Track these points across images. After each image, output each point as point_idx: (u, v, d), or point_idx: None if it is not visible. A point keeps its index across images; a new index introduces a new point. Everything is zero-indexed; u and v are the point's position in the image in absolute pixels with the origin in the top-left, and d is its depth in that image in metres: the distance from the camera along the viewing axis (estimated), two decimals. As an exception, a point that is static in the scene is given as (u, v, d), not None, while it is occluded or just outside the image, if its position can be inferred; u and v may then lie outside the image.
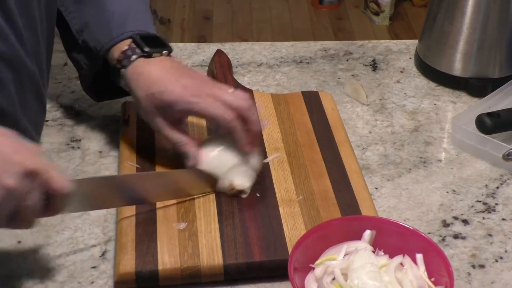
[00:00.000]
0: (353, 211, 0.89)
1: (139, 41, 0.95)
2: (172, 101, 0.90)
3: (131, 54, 0.94)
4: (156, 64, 0.93)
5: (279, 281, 0.83)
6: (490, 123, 1.03)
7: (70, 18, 1.00)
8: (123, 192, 0.86)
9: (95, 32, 0.97)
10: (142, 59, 0.94)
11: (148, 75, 0.92)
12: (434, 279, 0.77)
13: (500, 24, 1.15)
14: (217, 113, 0.90)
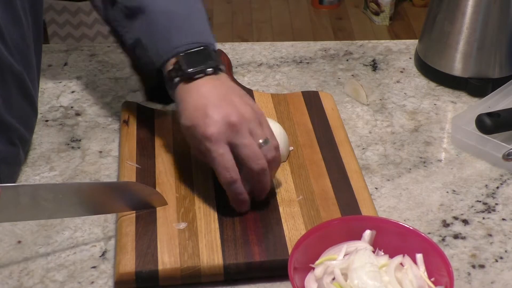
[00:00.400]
0: (353, 211, 0.90)
1: (181, 60, 0.90)
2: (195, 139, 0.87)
3: (174, 76, 0.90)
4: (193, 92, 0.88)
5: (279, 281, 0.83)
6: (490, 123, 1.03)
7: (123, 33, 0.98)
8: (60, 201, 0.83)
9: (146, 49, 0.94)
10: (183, 84, 0.89)
11: (184, 103, 0.88)
12: (434, 279, 0.77)
13: (500, 24, 1.16)
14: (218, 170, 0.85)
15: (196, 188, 0.93)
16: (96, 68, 1.22)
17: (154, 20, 0.94)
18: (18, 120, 0.95)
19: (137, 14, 0.95)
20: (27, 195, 0.79)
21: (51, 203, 0.81)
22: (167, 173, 0.95)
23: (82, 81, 1.19)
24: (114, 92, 1.16)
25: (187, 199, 0.91)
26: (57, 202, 0.82)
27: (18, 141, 0.96)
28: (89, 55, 1.25)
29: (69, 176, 0.98)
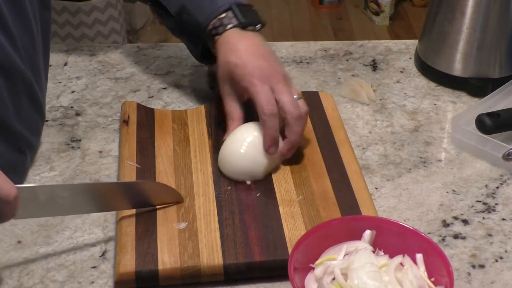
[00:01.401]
0: (353, 211, 0.89)
1: (236, 10, 0.98)
2: (240, 76, 0.95)
3: (227, 23, 0.99)
4: (246, 38, 0.98)
5: (279, 281, 0.83)
6: (490, 123, 1.02)
7: (167, 3, 1.06)
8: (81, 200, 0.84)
9: (192, 12, 1.02)
10: (235, 29, 0.98)
11: (235, 45, 0.97)
12: (434, 279, 0.77)
13: (500, 24, 1.15)
14: (261, 102, 0.92)
15: (196, 188, 0.93)
16: (96, 68, 1.22)
17: None
18: (27, 127, 0.95)
19: None
20: (45, 194, 0.81)
21: (67, 201, 0.83)
22: (167, 173, 0.95)
23: (82, 81, 1.19)
24: (114, 92, 1.16)
25: (187, 199, 0.91)
26: (73, 200, 0.83)
27: (26, 149, 0.96)
28: (89, 55, 1.25)
29: (69, 176, 0.98)
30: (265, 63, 0.95)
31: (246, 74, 0.94)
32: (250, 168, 0.94)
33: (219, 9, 1.00)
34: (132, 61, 1.24)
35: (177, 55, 1.25)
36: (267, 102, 0.92)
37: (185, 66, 1.23)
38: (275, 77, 0.94)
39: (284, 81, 0.95)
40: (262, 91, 0.93)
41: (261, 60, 0.96)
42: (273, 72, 0.95)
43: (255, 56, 0.96)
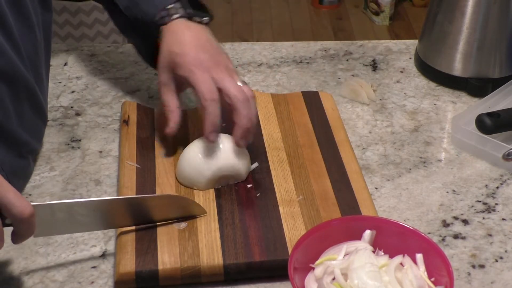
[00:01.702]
0: (353, 211, 0.89)
1: (184, 2, 0.98)
2: (180, 65, 0.93)
3: (174, 13, 0.97)
4: (191, 29, 0.97)
5: (279, 281, 0.83)
6: (490, 123, 1.02)
7: None
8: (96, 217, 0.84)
9: (142, 5, 1.00)
10: (182, 20, 0.97)
11: (179, 35, 0.96)
12: (434, 279, 0.77)
13: (500, 24, 1.15)
14: (201, 88, 0.91)
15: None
16: (96, 68, 1.22)
17: None
18: (29, 133, 0.95)
19: None
20: (62, 211, 0.80)
21: (85, 218, 0.82)
22: (167, 173, 0.95)
23: (82, 81, 1.19)
24: (114, 92, 1.16)
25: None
26: (91, 216, 0.83)
27: (29, 154, 0.97)
28: (89, 55, 1.25)
29: (69, 176, 0.98)
30: (207, 55, 0.94)
31: (186, 63, 0.93)
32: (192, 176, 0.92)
33: (168, 0, 0.98)
34: (132, 61, 1.24)
35: (177, 55, 1.25)
36: (208, 89, 0.91)
37: (185, 66, 1.22)
38: (216, 67, 0.93)
39: (225, 70, 0.94)
40: (202, 79, 0.91)
41: (203, 51, 0.94)
42: (214, 62, 0.93)
43: (197, 48, 0.94)
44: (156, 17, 0.98)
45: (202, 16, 0.99)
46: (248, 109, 0.91)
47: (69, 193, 0.95)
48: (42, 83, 0.98)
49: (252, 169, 0.96)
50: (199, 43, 0.95)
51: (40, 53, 0.96)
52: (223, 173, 0.92)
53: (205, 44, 0.96)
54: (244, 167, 0.94)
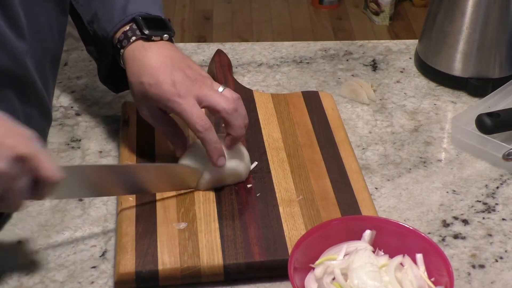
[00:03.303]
0: (353, 211, 0.89)
1: (140, 22, 0.94)
2: (158, 97, 0.90)
3: (131, 35, 0.93)
4: (153, 51, 0.92)
5: (279, 281, 0.83)
6: (490, 123, 1.02)
7: (81, 11, 1.01)
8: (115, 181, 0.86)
9: (102, 21, 0.97)
10: (141, 42, 0.93)
11: (142, 61, 0.91)
12: (434, 279, 0.77)
13: (500, 24, 1.16)
14: (191, 120, 0.88)
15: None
16: (96, 68, 1.21)
17: None
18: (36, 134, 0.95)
19: None
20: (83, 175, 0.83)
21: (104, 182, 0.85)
22: (167, 173, 0.95)
23: (82, 81, 1.19)
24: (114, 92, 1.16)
25: (187, 199, 0.91)
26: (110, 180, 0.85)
27: None
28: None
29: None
30: (180, 74, 0.89)
31: (164, 94, 0.89)
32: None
33: (126, 18, 0.94)
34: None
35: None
36: (198, 118, 0.88)
37: (185, 66, 1.22)
38: (193, 84, 0.89)
39: (203, 84, 0.90)
40: (188, 108, 0.88)
41: (174, 71, 0.90)
42: (190, 81, 0.89)
43: (167, 69, 0.90)
44: (114, 41, 0.95)
45: (161, 34, 0.94)
46: (239, 118, 0.90)
47: (69, 193, 0.95)
48: (49, 84, 0.98)
49: (252, 169, 0.96)
50: (166, 63, 0.91)
51: (49, 55, 0.96)
52: (223, 173, 0.92)
53: (173, 61, 0.91)
54: (244, 167, 0.94)
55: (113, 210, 0.92)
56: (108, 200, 0.94)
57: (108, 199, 0.94)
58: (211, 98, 0.89)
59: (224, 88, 0.91)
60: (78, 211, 0.92)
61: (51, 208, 0.92)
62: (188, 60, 0.93)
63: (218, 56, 1.18)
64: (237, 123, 0.90)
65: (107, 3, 0.98)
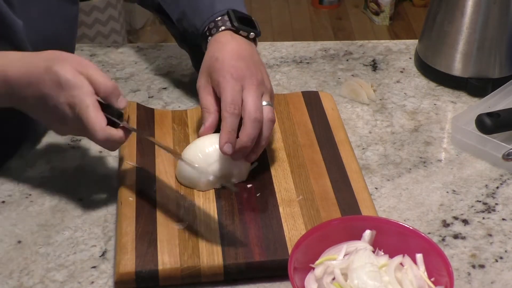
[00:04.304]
0: (353, 211, 0.89)
1: (231, 15, 0.99)
2: (217, 69, 0.94)
3: (221, 25, 0.99)
4: (236, 40, 0.98)
5: (279, 281, 0.83)
6: (490, 123, 1.02)
7: (169, 10, 1.07)
8: None
9: (191, 18, 1.03)
10: (228, 32, 0.98)
11: (223, 44, 0.97)
12: (434, 279, 0.77)
13: (500, 24, 1.16)
14: (226, 98, 0.91)
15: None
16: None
17: None
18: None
19: None
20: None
21: None
22: (167, 173, 0.95)
23: (82, 81, 1.18)
24: (114, 92, 1.16)
25: (187, 199, 0.91)
26: None
27: None
28: (89, 55, 1.25)
29: (69, 176, 0.98)
30: (244, 65, 0.94)
31: (222, 68, 0.93)
32: (192, 176, 0.92)
33: (217, 14, 1.00)
34: (132, 61, 1.24)
35: (177, 55, 1.25)
36: (232, 100, 0.91)
37: (185, 66, 1.23)
38: (249, 78, 0.93)
39: (257, 84, 0.93)
40: (230, 87, 0.92)
41: (242, 61, 0.94)
42: (249, 74, 0.93)
43: (238, 57, 0.95)
44: (204, 29, 1.00)
45: (248, 30, 0.99)
46: (254, 129, 0.91)
47: (69, 193, 0.95)
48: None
49: (252, 169, 0.96)
50: (240, 54, 0.96)
51: (50, 41, 0.97)
52: (223, 173, 0.92)
53: (246, 55, 0.96)
54: (244, 167, 0.94)
55: (113, 210, 0.92)
56: (108, 200, 0.94)
57: (108, 199, 0.94)
58: (249, 97, 0.92)
59: (268, 104, 0.94)
60: (78, 211, 0.92)
61: (51, 208, 0.92)
62: (260, 64, 0.98)
63: (218, 56, 1.18)
64: (249, 131, 0.90)
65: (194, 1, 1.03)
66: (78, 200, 0.94)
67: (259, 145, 0.92)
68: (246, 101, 0.91)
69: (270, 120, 0.93)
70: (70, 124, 0.84)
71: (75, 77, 0.82)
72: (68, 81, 0.81)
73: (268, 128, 0.93)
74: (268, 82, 0.97)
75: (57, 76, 0.81)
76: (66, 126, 0.85)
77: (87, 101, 0.81)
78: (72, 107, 0.82)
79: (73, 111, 0.82)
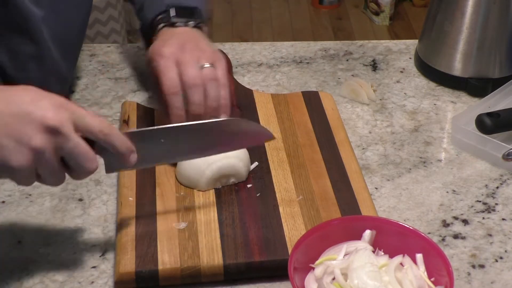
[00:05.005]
0: (353, 211, 0.89)
1: (168, 12, 1.00)
2: (149, 56, 0.95)
3: (160, 23, 1.00)
4: (174, 31, 0.98)
5: (279, 281, 0.83)
6: (490, 123, 1.02)
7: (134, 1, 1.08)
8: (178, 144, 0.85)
9: (147, 10, 1.04)
10: (167, 28, 0.99)
11: (163, 38, 0.97)
12: (434, 279, 0.77)
13: (500, 24, 1.15)
14: (163, 79, 0.91)
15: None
16: (96, 68, 1.22)
17: None
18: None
19: None
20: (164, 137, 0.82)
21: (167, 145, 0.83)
22: (167, 173, 0.95)
23: (82, 81, 1.19)
24: (114, 92, 1.16)
25: (187, 199, 0.91)
26: (173, 144, 0.83)
27: None
28: (89, 55, 1.25)
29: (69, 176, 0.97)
30: (175, 42, 0.94)
31: (152, 52, 0.94)
32: (192, 176, 0.92)
33: (159, 9, 1.01)
34: (132, 61, 1.24)
35: (177, 55, 1.25)
36: (168, 80, 0.90)
37: (185, 66, 1.22)
38: (181, 49, 0.93)
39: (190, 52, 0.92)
40: (163, 68, 0.91)
41: (171, 40, 0.95)
42: (179, 48, 0.93)
43: (166, 42, 0.95)
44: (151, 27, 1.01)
45: (184, 21, 0.99)
46: (197, 95, 0.90)
47: (69, 193, 0.95)
48: (68, 57, 1.04)
49: (252, 169, 0.96)
50: (171, 39, 0.96)
51: (69, 28, 1.00)
52: (223, 173, 0.92)
53: (179, 38, 0.96)
54: (244, 167, 0.94)
55: (113, 210, 0.92)
56: (108, 200, 0.94)
57: (108, 199, 0.94)
58: (184, 66, 0.91)
59: (210, 66, 0.92)
60: (78, 211, 0.92)
61: (51, 208, 0.92)
62: (200, 39, 0.97)
63: (218, 56, 1.18)
64: (194, 99, 0.90)
65: None
66: (78, 200, 0.94)
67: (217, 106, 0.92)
68: (182, 72, 0.91)
69: (212, 79, 0.92)
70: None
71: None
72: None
73: (213, 88, 0.92)
74: (206, 46, 0.96)
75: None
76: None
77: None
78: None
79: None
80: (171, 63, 0.92)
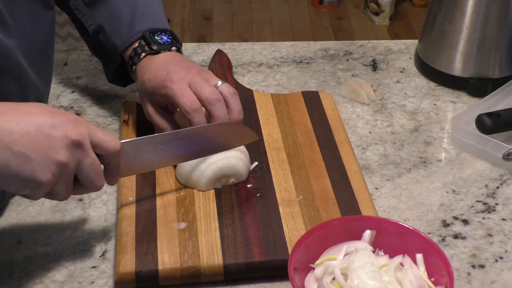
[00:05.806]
0: (353, 211, 0.89)
1: (148, 39, 0.98)
2: (155, 88, 0.93)
3: (141, 51, 0.98)
4: (159, 58, 0.96)
5: (279, 281, 0.83)
6: (490, 123, 1.03)
7: (84, 20, 1.04)
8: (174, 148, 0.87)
9: (109, 34, 1.01)
10: (149, 56, 0.97)
11: (149, 65, 0.96)
12: (434, 279, 0.77)
13: (500, 24, 1.16)
14: (181, 101, 0.91)
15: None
16: (96, 68, 1.22)
17: (116, 8, 1.01)
18: None
19: (98, 2, 1.02)
20: (146, 146, 0.84)
21: (152, 154, 0.85)
22: (167, 173, 0.95)
23: (82, 81, 1.19)
24: (114, 92, 1.16)
25: (187, 199, 0.91)
26: (157, 152, 0.85)
27: None
28: (89, 55, 1.25)
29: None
30: (175, 66, 0.94)
31: (159, 82, 0.93)
32: (192, 176, 0.92)
33: (135, 36, 0.99)
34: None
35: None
36: (187, 100, 0.90)
37: (185, 66, 1.23)
38: (188, 72, 0.93)
39: (198, 74, 0.93)
40: (179, 91, 0.91)
41: (171, 65, 0.94)
42: (185, 70, 0.93)
43: (164, 65, 0.94)
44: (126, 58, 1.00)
45: (168, 47, 0.98)
46: (220, 110, 0.91)
47: (69, 193, 0.95)
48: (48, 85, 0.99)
49: (252, 169, 0.96)
50: (167, 63, 0.95)
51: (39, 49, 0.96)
52: (223, 173, 0.92)
53: (173, 61, 0.95)
54: (244, 167, 0.94)
55: (113, 210, 0.92)
56: (108, 200, 0.94)
57: (108, 199, 0.94)
58: (199, 86, 0.91)
59: (222, 83, 0.93)
60: (78, 211, 0.92)
61: (51, 208, 0.92)
62: (191, 62, 0.96)
63: (218, 56, 1.18)
64: (219, 113, 0.91)
65: (113, 17, 1.01)
66: (78, 200, 0.94)
67: (236, 120, 0.93)
68: (199, 92, 0.91)
69: (232, 94, 0.93)
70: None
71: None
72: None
73: (235, 101, 0.93)
74: (202, 68, 0.96)
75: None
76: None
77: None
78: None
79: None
80: (184, 85, 0.91)
